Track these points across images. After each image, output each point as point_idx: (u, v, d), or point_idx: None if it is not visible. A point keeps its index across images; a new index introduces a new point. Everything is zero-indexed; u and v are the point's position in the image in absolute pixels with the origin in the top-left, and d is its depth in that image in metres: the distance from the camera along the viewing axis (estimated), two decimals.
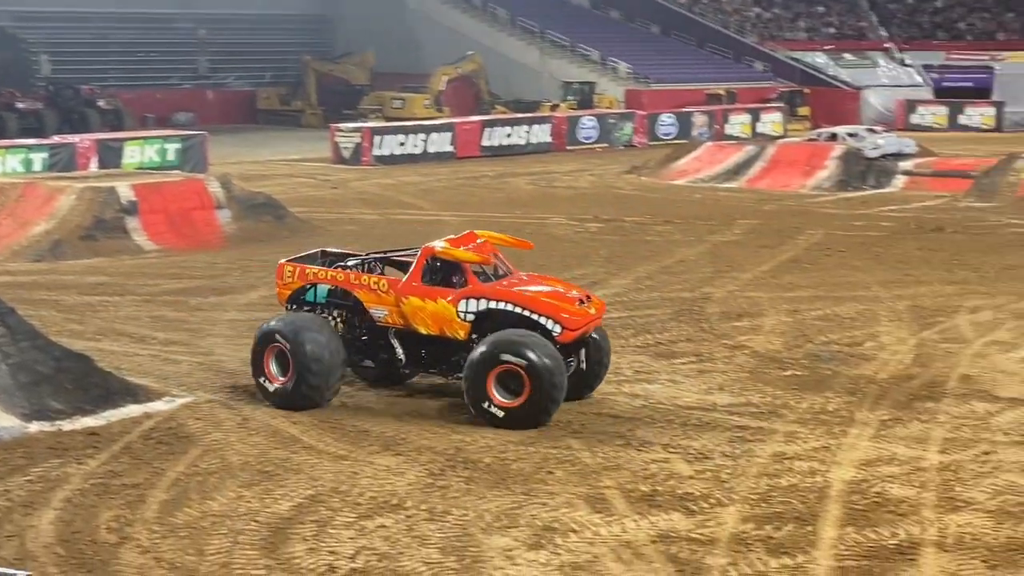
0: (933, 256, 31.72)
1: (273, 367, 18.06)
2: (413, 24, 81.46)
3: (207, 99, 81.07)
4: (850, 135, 52.06)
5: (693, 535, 13.60)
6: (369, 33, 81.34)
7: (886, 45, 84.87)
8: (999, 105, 75.11)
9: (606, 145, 64.72)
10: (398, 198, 44.71)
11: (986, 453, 16.35)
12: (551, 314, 17.89)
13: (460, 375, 17.86)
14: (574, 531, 13.70)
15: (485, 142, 60.96)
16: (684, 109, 69.43)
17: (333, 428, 17.30)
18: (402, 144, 58.10)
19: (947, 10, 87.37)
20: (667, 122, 67.50)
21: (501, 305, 17.96)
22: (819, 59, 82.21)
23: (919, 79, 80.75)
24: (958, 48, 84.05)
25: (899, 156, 49.74)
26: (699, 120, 68.49)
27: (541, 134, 63.41)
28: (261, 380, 18.17)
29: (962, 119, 74.60)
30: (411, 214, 40.12)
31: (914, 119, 74.75)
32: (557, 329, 17.78)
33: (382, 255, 19.82)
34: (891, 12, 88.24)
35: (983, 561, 12.90)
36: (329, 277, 18.77)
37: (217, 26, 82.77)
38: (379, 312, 18.42)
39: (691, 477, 15.47)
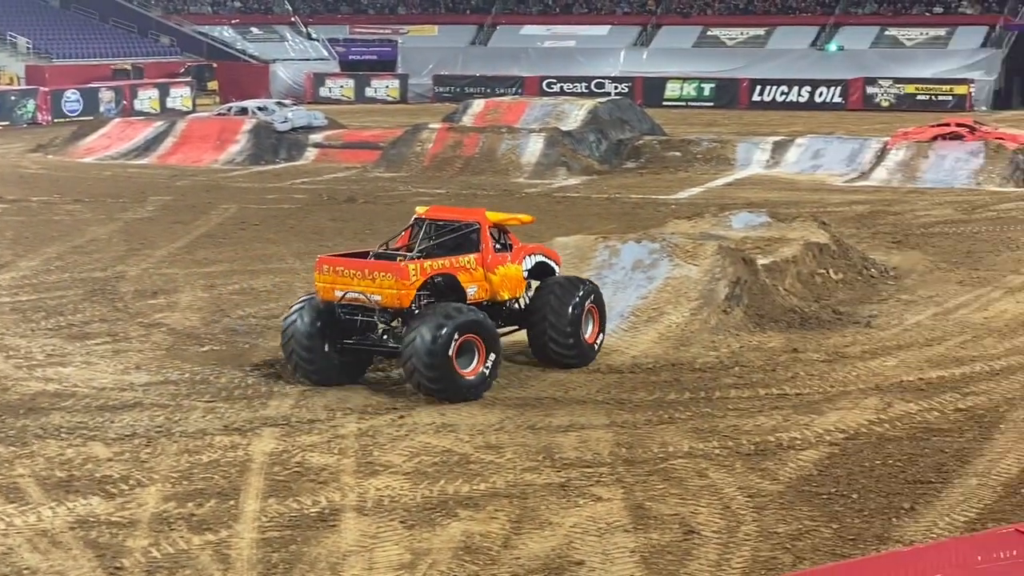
0: (346, 227, 32.31)
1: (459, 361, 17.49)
2: None
3: None
4: (260, 109, 52.24)
5: (113, 518, 13.26)
6: None
7: (292, 19, 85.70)
8: (403, 78, 77.27)
9: (7, 123, 62.39)
10: None
11: (401, 417, 16.75)
12: (557, 260, 20.03)
13: None
14: None
15: None
16: (90, 85, 67.79)
17: None
18: None
19: None
20: (72, 98, 65.74)
21: (542, 258, 19.62)
22: (226, 33, 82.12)
23: (325, 53, 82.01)
24: (362, 22, 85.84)
25: (309, 129, 50.40)
26: (106, 96, 67.08)
27: None
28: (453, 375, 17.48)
29: (369, 91, 76.30)
30: None
31: (323, 92, 75.87)
32: (558, 270, 19.85)
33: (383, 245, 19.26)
34: None
35: (401, 522, 13.20)
36: (440, 267, 18.24)
37: None
38: (472, 289, 18.54)
39: (110, 460, 15.09)
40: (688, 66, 73.15)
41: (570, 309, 18.69)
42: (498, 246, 18.94)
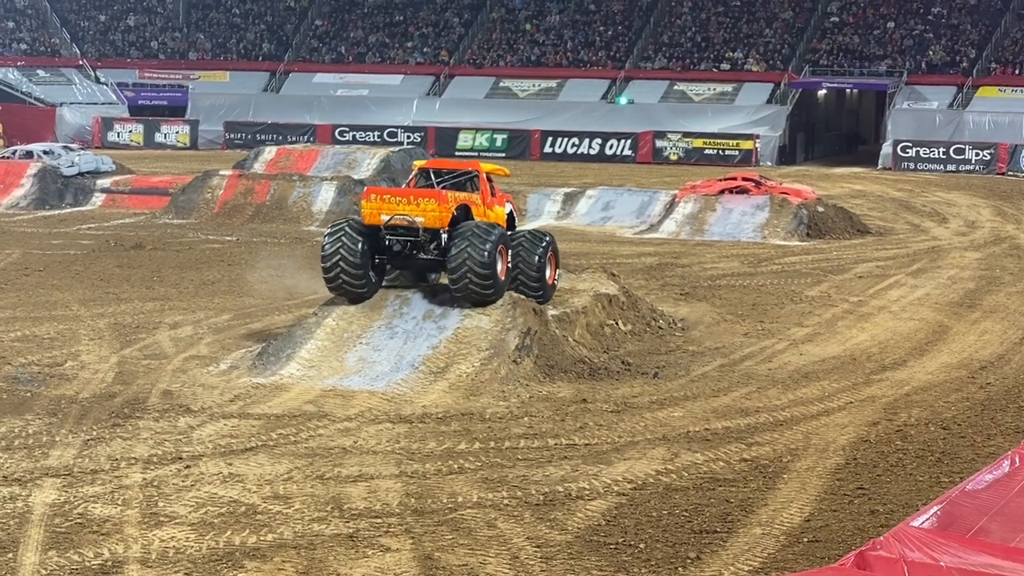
0: (133, 273, 31.74)
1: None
2: None
3: None
4: (46, 153, 51.11)
5: None
6: None
7: (80, 62, 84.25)
8: (194, 123, 76.36)
9: None
10: None
11: (188, 467, 16.48)
12: (516, 207, 25.27)
13: None
14: None
15: None
16: None
17: None
18: None
19: (139, 29, 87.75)
20: None
21: (510, 208, 24.48)
22: (11, 75, 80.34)
23: (114, 97, 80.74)
24: (151, 67, 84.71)
25: (97, 174, 49.47)
26: None
27: None
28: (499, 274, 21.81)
29: (159, 137, 75.20)
30: None
31: (111, 137, 74.58)
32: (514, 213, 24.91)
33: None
34: (83, 29, 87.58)
35: (186, 574, 12.97)
36: (463, 198, 22.62)
37: None
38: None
39: None
40: (480, 117, 73.49)
41: (536, 258, 22.79)
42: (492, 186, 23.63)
